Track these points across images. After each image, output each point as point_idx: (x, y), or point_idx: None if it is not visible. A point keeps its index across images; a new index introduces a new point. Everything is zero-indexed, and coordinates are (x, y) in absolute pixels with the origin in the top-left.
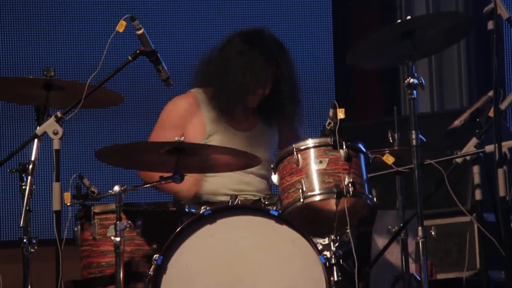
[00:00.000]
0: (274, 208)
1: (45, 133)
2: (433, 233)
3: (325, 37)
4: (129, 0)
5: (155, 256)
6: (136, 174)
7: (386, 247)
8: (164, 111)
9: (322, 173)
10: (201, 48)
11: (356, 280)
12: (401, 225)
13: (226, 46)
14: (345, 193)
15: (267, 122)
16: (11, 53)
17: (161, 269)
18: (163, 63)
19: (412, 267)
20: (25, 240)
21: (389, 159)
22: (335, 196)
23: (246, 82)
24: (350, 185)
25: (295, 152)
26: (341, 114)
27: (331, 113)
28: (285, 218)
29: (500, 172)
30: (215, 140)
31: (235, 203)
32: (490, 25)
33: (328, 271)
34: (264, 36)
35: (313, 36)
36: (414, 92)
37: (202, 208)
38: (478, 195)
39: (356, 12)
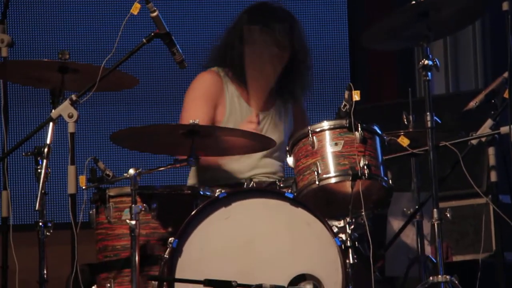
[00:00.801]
0: (289, 190)
1: (60, 116)
2: (448, 215)
3: (340, 19)
4: None
5: (170, 239)
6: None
7: (401, 229)
8: (192, 87)
9: (337, 155)
10: (215, 29)
11: (372, 263)
12: (417, 207)
13: (238, 23)
14: (360, 175)
15: (284, 99)
16: (26, 36)
17: (177, 252)
18: (178, 46)
19: (428, 249)
20: (40, 224)
21: (404, 141)
22: (350, 178)
23: (263, 50)
24: (365, 167)
25: (310, 134)
26: (356, 96)
27: (346, 95)
28: (300, 200)
29: None
30: (233, 120)
31: (250, 185)
32: (505, 6)
33: (343, 254)
34: (272, 5)
35: (327, 18)
36: (429, 73)
37: (217, 191)
38: (493, 176)
39: None
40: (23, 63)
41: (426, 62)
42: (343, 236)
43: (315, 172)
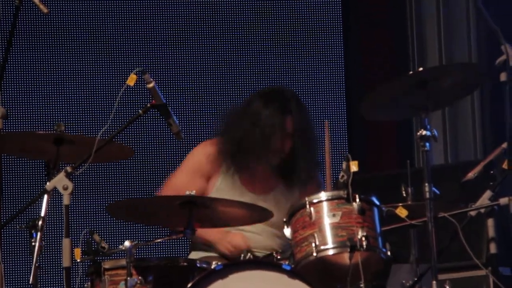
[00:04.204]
0: (287, 262)
1: (55, 188)
2: (447, 287)
3: (338, 88)
4: (139, 53)
5: None
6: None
7: None
8: (190, 154)
9: (335, 227)
10: (213, 100)
11: None
12: (416, 279)
13: (250, 105)
14: (358, 247)
15: (287, 183)
16: (21, 107)
17: None
18: (174, 117)
19: None
20: None
21: (402, 212)
22: (348, 250)
23: (265, 137)
24: (363, 238)
25: (308, 205)
26: (354, 167)
27: (344, 165)
28: (298, 272)
29: None
30: (222, 195)
31: (247, 257)
32: (503, 77)
33: None
34: (283, 92)
35: (325, 87)
36: (427, 144)
37: (214, 263)
38: (493, 248)
39: (368, 63)
40: (18, 135)
41: (424, 132)
42: None
43: (313, 244)
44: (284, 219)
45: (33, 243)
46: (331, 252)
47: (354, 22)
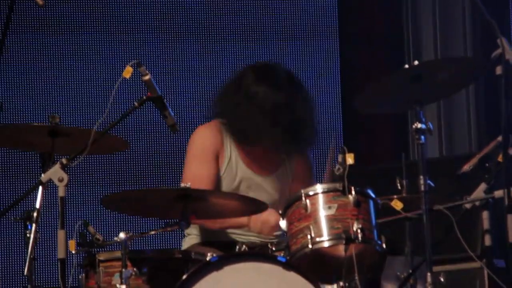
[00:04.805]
0: (282, 254)
1: (50, 180)
2: (442, 279)
3: (333, 81)
4: (135, 45)
5: None
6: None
7: None
8: (192, 142)
9: (331, 219)
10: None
11: None
12: (410, 271)
13: (242, 80)
14: (354, 239)
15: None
16: (16, 99)
17: None
18: (170, 109)
19: None
20: None
21: (397, 204)
22: (344, 242)
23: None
24: (359, 231)
25: (303, 198)
26: (350, 159)
27: (340, 158)
28: (293, 264)
29: (510, 217)
30: (226, 179)
31: (242, 249)
32: (498, 70)
33: None
34: (275, 67)
35: (321, 80)
36: (422, 137)
37: (209, 254)
38: (487, 240)
39: (363, 57)
40: (13, 127)
41: (420, 125)
42: None
43: (308, 236)
44: (280, 211)
45: (28, 235)
46: (326, 244)
47: (350, 15)
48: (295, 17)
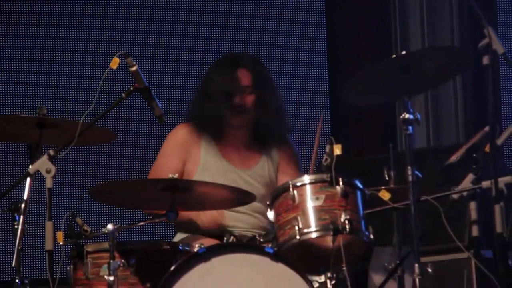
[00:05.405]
0: (270, 245)
1: (37, 171)
2: (430, 270)
3: (320, 72)
4: (122, 37)
5: None
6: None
7: (382, 284)
8: (166, 139)
9: (318, 210)
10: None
11: None
12: (398, 262)
13: (207, 76)
14: (341, 230)
15: (267, 152)
16: (3, 91)
17: None
18: (157, 100)
19: None
20: (17, 281)
21: (385, 195)
22: (331, 233)
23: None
24: (346, 222)
25: (291, 188)
26: (337, 150)
27: (327, 149)
28: (281, 255)
29: (497, 208)
30: (208, 170)
31: (230, 240)
32: (486, 60)
33: None
34: (234, 53)
35: (308, 71)
36: (410, 127)
37: (197, 245)
38: (475, 231)
39: (351, 47)
40: (0, 119)
41: (407, 116)
42: None
43: (296, 227)
44: (268, 202)
45: (15, 226)
46: (314, 235)
47: (337, 5)
48: (282, 7)
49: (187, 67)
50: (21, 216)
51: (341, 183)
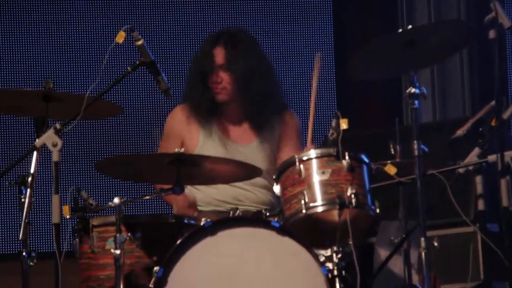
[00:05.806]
0: (276, 219)
1: (44, 145)
2: (436, 243)
3: (326, 46)
4: (128, 10)
5: (155, 268)
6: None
7: (388, 258)
8: (166, 122)
9: (324, 184)
10: None
11: None
12: (404, 236)
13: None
14: (347, 204)
15: (264, 127)
16: (9, 65)
17: (162, 281)
18: (163, 74)
19: (415, 278)
20: (24, 253)
21: (391, 169)
22: (337, 207)
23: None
24: (352, 196)
25: (297, 163)
26: (344, 124)
27: (334, 123)
28: (286, 229)
29: (503, 182)
30: (208, 149)
31: (236, 214)
32: (492, 34)
33: (330, 283)
34: (221, 30)
35: (313, 45)
36: (416, 102)
37: (203, 219)
38: (481, 205)
39: (357, 22)
40: (6, 92)
41: (413, 90)
42: (330, 265)
43: (302, 201)
44: (274, 176)
45: (22, 200)
46: (320, 209)
47: None
48: None
49: (193, 41)
50: (28, 190)
51: (347, 157)
